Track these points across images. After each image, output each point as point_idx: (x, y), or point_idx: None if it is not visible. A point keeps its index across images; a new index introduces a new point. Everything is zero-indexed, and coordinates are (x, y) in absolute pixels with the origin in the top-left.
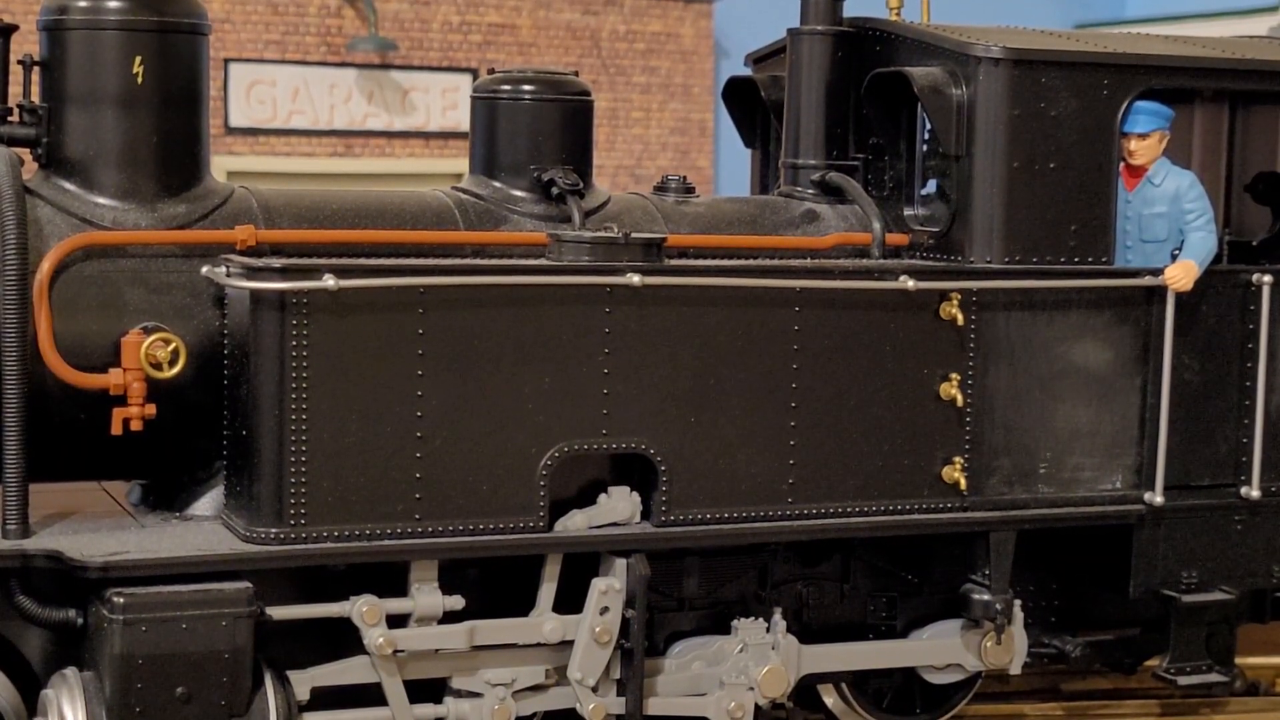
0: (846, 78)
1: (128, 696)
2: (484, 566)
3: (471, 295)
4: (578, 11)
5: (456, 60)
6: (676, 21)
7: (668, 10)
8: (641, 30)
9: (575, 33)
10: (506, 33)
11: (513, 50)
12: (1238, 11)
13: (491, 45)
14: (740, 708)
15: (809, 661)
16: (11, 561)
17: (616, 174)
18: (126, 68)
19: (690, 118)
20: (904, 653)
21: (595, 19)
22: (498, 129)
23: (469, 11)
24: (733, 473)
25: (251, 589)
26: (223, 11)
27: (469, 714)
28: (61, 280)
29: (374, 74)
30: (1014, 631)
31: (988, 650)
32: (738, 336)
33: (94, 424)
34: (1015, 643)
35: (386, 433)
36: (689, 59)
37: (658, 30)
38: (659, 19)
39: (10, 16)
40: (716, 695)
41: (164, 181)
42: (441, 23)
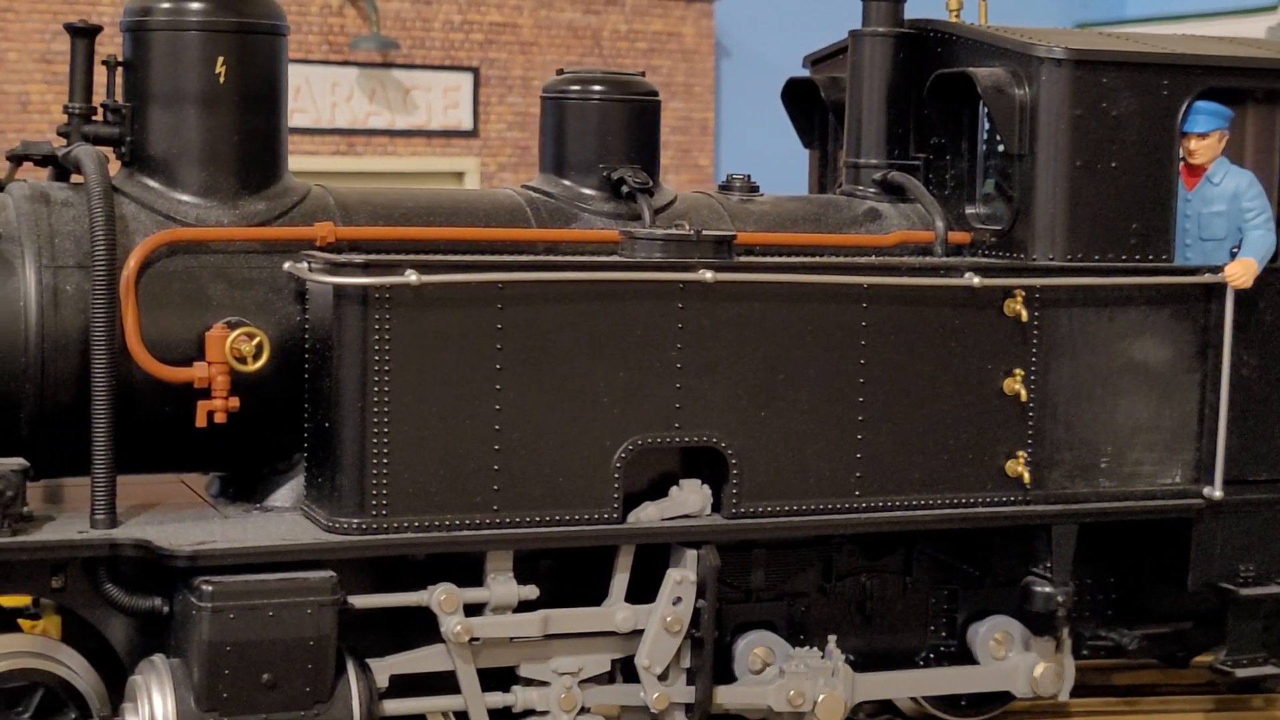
0: (908, 78)
1: (215, 683)
2: (556, 557)
3: (548, 291)
4: (579, 10)
5: (458, 59)
6: (678, 21)
7: (669, 9)
8: (643, 29)
9: (576, 32)
10: (508, 32)
11: (514, 49)
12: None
13: (493, 44)
14: (800, 695)
15: (863, 689)
16: (100, 550)
17: None
18: (208, 67)
19: (692, 116)
20: (955, 679)
21: (597, 18)
22: (566, 129)
23: (470, 10)
24: (801, 466)
25: (335, 578)
26: None
27: (536, 702)
28: (147, 276)
29: (376, 73)
30: (1064, 659)
31: (1037, 680)
32: (806, 332)
33: (178, 417)
34: (1065, 670)
35: (465, 425)
36: (690, 58)
37: (659, 29)
38: (660, 18)
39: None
40: (778, 684)
41: (244, 179)
42: (443, 22)
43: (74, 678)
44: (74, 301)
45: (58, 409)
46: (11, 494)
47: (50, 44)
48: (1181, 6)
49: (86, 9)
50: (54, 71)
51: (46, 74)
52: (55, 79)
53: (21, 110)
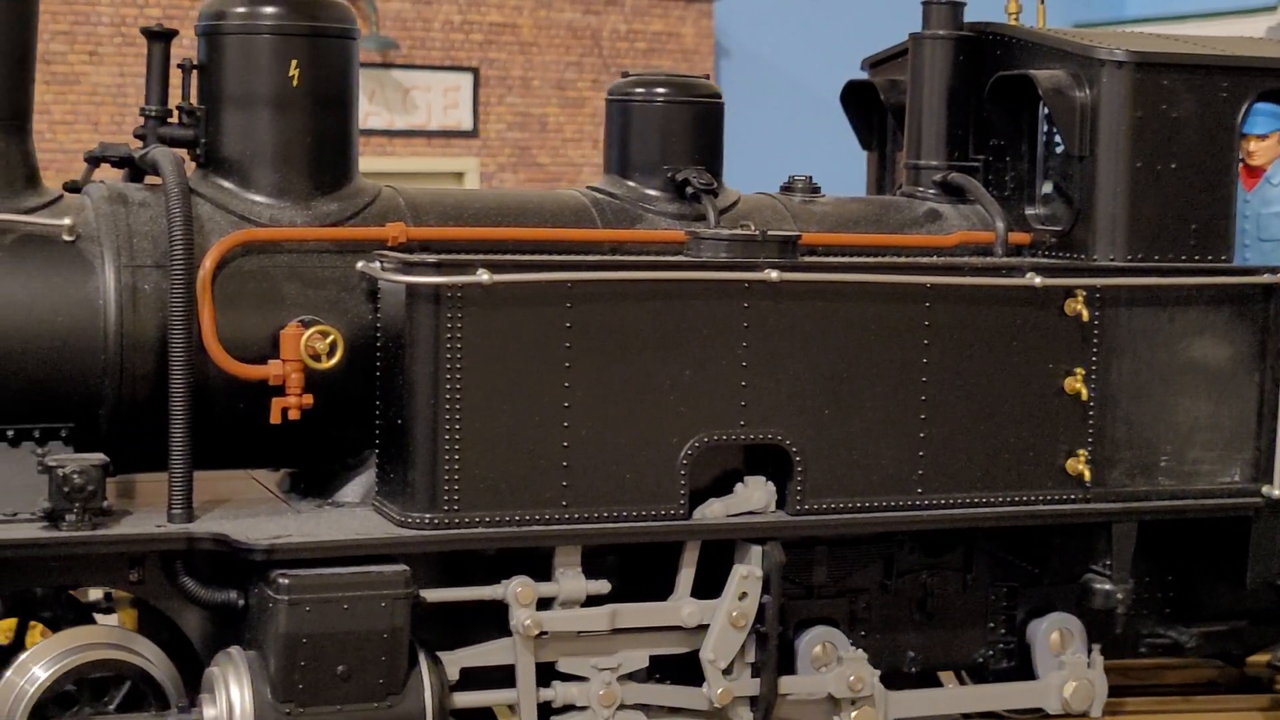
0: (967, 81)
1: (291, 674)
2: (620, 552)
3: (616, 290)
4: (579, 10)
5: (458, 59)
6: (677, 21)
7: (669, 10)
8: (643, 30)
9: (576, 32)
10: (508, 32)
11: (514, 49)
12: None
13: (493, 44)
14: (860, 680)
15: (896, 707)
16: (178, 544)
17: None
18: (281, 70)
19: None
20: (987, 697)
21: (596, 18)
22: (631, 130)
23: (470, 10)
24: (864, 464)
25: (409, 572)
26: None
27: (576, 697)
28: (222, 275)
29: (375, 73)
30: (1094, 677)
31: (1069, 698)
32: (870, 331)
33: (252, 414)
34: (1096, 686)
35: (535, 422)
36: (690, 58)
37: (659, 30)
38: (660, 18)
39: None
40: (837, 670)
41: (317, 180)
42: (443, 22)
43: (152, 669)
44: (151, 301)
45: (135, 406)
46: (92, 489)
47: (49, 44)
48: (1181, 6)
49: (85, 9)
50: (53, 71)
51: (45, 74)
52: (54, 79)
53: None
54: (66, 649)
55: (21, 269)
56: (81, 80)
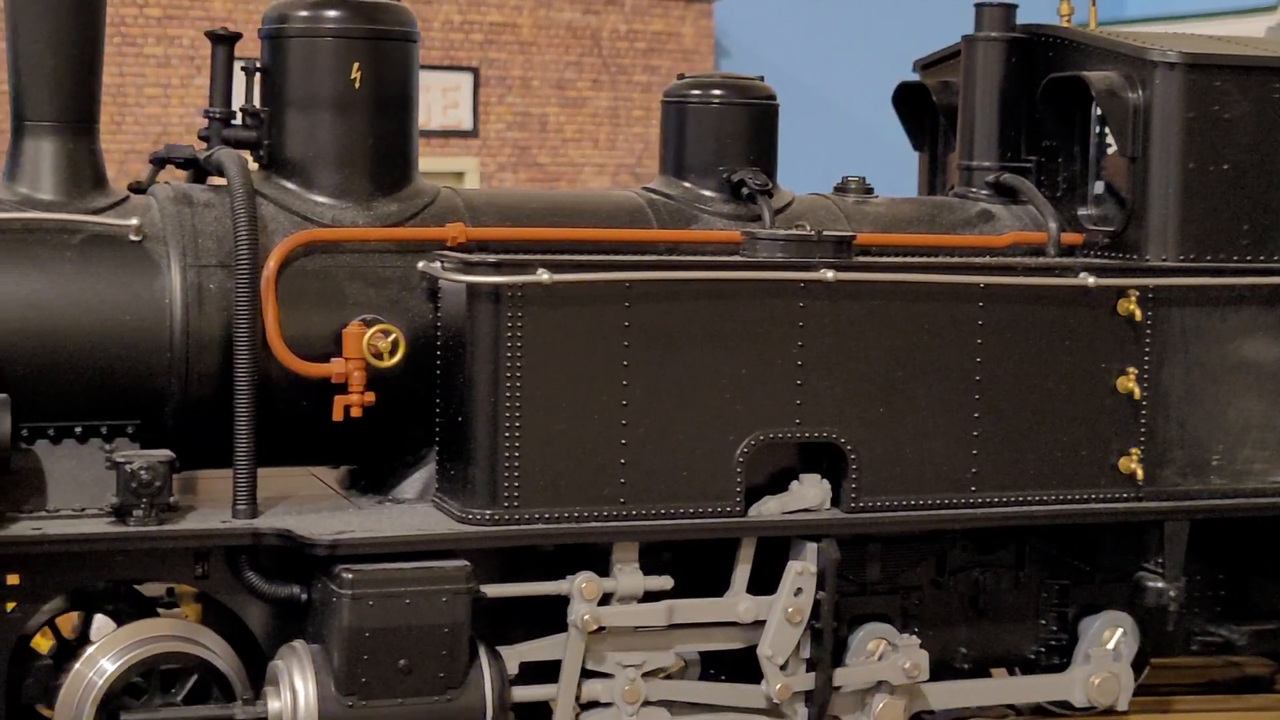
0: (1019, 82)
1: (354, 667)
2: (676, 549)
3: (674, 290)
4: (579, 10)
5: (458, 59)
6: (677, 21)
7: (669, 9)
8: (642, 29)
9: (576, 32)
10: (507, 32)
11: (514, 49)
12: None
13: (493, 44)
14: (916, 666)
15: (925, 699)
16: (243, 539)
17: (618, 173)
18: (344, 73)
19: None
20: (1013, 689)
21: (596, 18)
22: (687, 132)
23: (470, 10)
24: (918, 462)
25: (470, 567)
26: (224, 11)
27: (600, 694)
28: (285, 275)
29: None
30: (1119, 670)
31: (1095, 690)
32: (924, 330)
33: (315, 411)
34: (1121, 680)
35: (594, 420)
36: (690, 58)
37: (659, 30)
38: (660, 18)
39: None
40: (893, 658)
41: (378, 181)
42: (443, 21)
43: (217, 661)
44: (216, 300)
45: (199, 403)
46: (159, 485)
47: None
48: (1182, 6)
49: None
50: None
51: None
52: None
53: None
54: (134, 641)
55: (89, 269)
56: None
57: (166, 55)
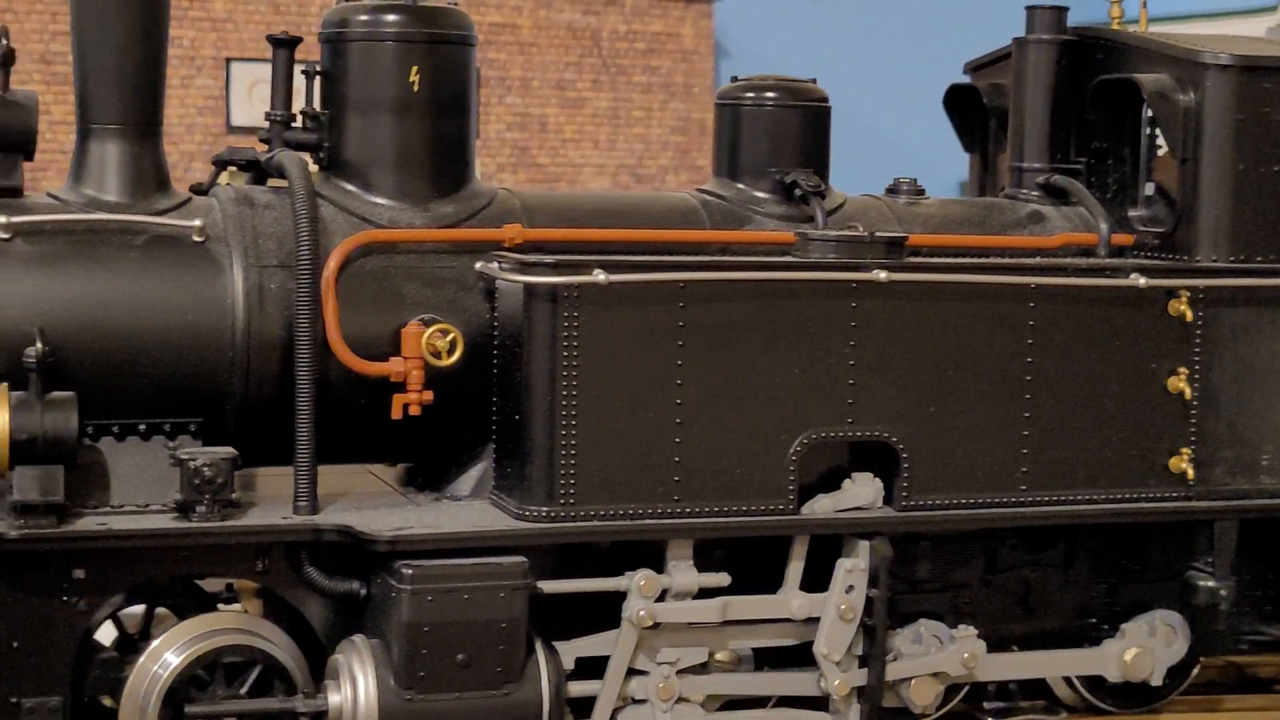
0: (1070, 84)
1: (413, 662)
2: (728, 546)
3: (728, 290)
4: (578, 11)
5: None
6: (677, 21)
7: (668, 10)
8: (642, 30)
9: (576, 32)
10: (507, 32)
11: (514, 50)
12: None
13: (492, 45)
14: (974, 657)
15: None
16: (304, 535)
17: (618, 173)
18: (403, 76)
19: (691, 117)
20: (1046, 663)
21: (596, 19)
22: (741, 133)
23: (469, 11)
24: (969, 461)
25: (527, 563)
26: (225, 11)
27: (634, 691)
28: (345, 275)
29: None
30: (1153, 645)
31: (1129, 664)
32: (975, 330)
33: (373, 410)
34: (1155, 655)
35: (648, 418)
36: (689, 59)
37: (658, 30)
38: (659, 19)
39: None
40: (950, 649)
41: (435, 183)
42: None
43: (279, 654)
44: (277, 299)
45: (260, 401)
46: (222, 481)
47: (49, 44)
48: (1181, 6)
49: None
50: (53, 72)
51: (46, 74)
52: (54, 79)
53: None
54: (198, 634)
55: (153, 269)
56: None
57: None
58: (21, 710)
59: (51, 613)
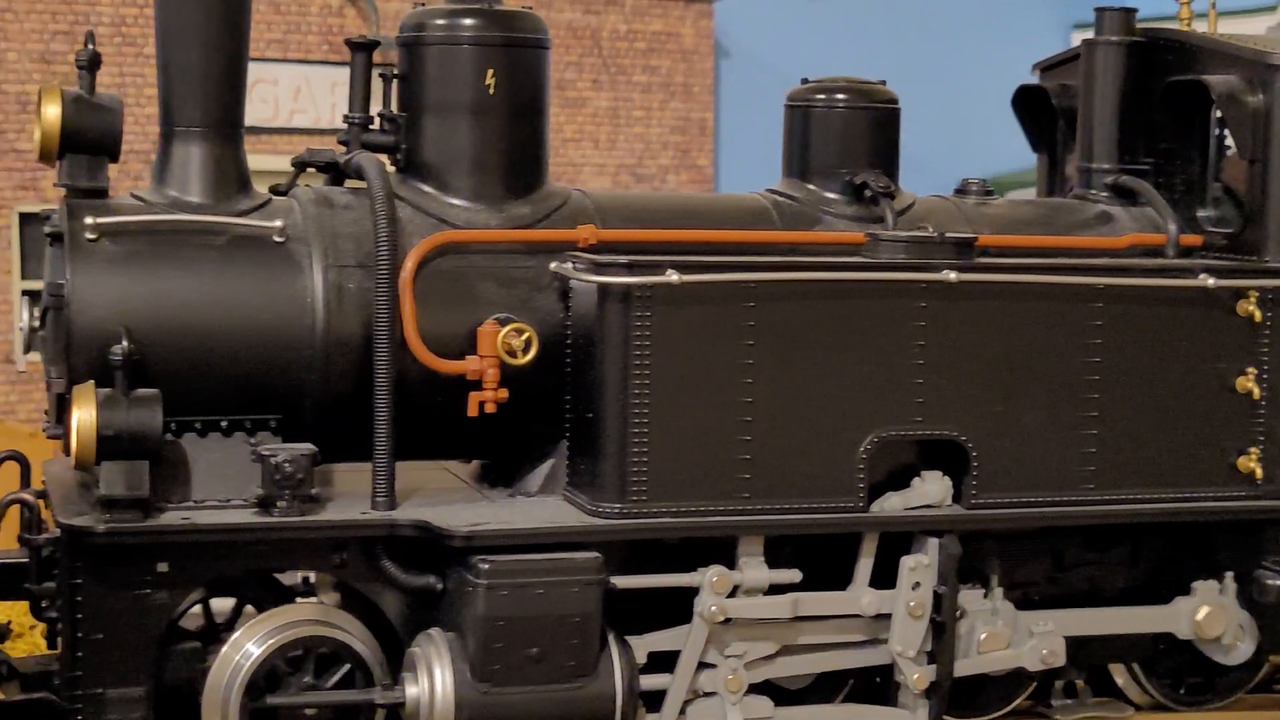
0: (1139, 85)
1: (488, 655)
2: (797, 543)
3: (798, 290)
4: (579, 11)
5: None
6: (677, 21)
7: (668, 9)
8: (642, 29)
9: (576, 32)
10: None
11: None
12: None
13: None
14: (1054, 654)
15: (1025, 626)
16: (381, 530)
17: (618, 173)
18: (479, 79)
19: (691, 117)
20: (1118, 619)
21: (596, 18)
22: (811, 135)
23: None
24: (1037, 459)
25: (601, 559)
26: None
27: (703, 684)
28: (422, 275)
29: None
30: (1225, 604)
31: (1200, 623)
32: (1043, 330)
33: (449, 407)
34: (1226, 614)
35: (719, 416)
36: (689, 58)
37: (658, 30)
38: (660, 18)
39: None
40: (1030, 644)
41: (510, 184)
42: None
43: (358, 646)
44: (355, 299)
45: (338, 399)
46: (302, 477)
47: (49, 44)
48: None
49: (85, 9)
50: (53, 72)
51: (46, 74)
52: (54, 79)
53: (21, 110)
54: (279, 625)
55: (235, 269)
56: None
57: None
58: (106, 700)
59: (135, 605)
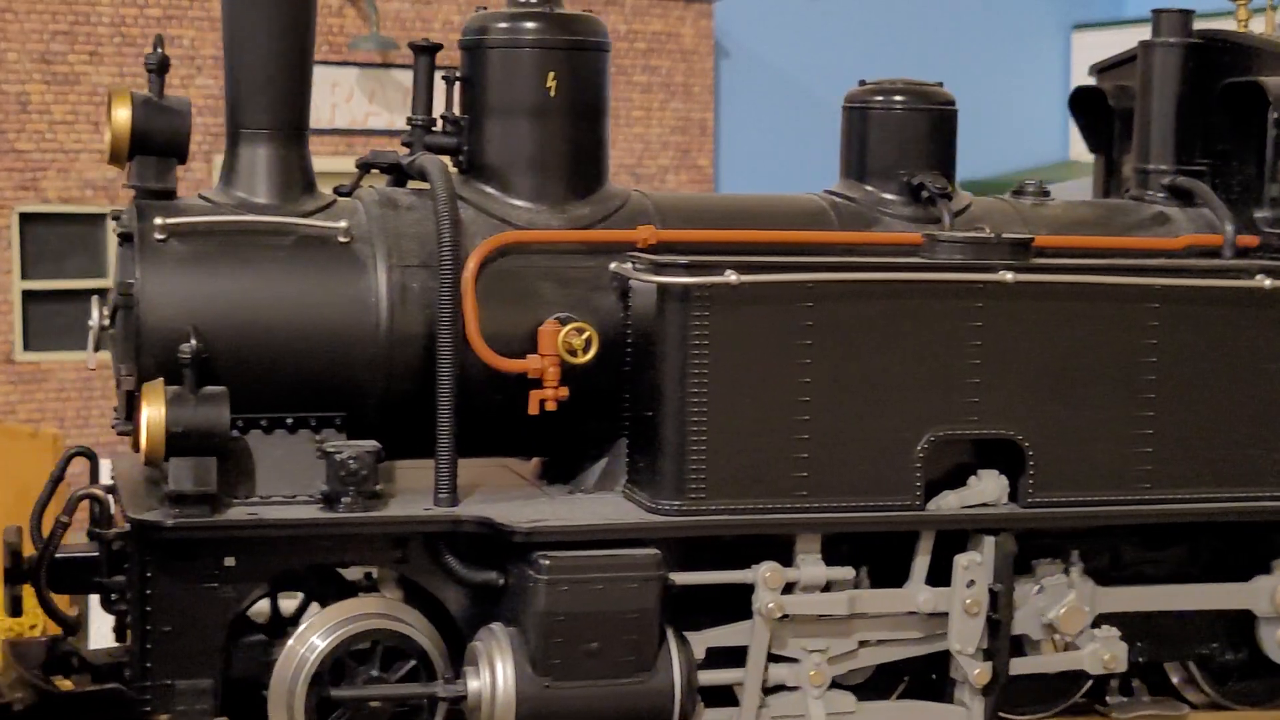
0: (1196, 87)
1: (549, 649)
2: (854, 541)
3: (855, 290)
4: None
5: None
6: (677, 21)
7: (668, 9)
8: (642, 30)
9: None
10: None
11: None
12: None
13: None
14: (1115, 659)
15: (1104, 601)
16: (444, 526)
17: (617, 172)
18: (540, 82)
19: (691, 117)
20: (1197, 595)
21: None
22: (869, 136)
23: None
24: (1093, 459)
25: (660, 555)
26: None
27: (786, 678)
28: (484, 275)
29: (375, 73)
30: None
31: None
32: (1100, 330)
33: (509, 406)
34: None
35: (777, 415)
36: (689, 58)
37: (658, 30)
38: (659, 18)
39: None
40: (1091, 648)
41: (571, 185)
42: (443, 22)
43: (421, 639)
44: (418, 298)
45: (401, 397)
46: (366, 473)
47: (49, 44)
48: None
49: (85, 9)
50: (53, 72)
51: (46, 74)
52: (54, 79)
53: (21, 110)
54: (344, 619)
55: (300, 269)
56: (82, 80)
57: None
58: (175, 692)
59: (203, 598)
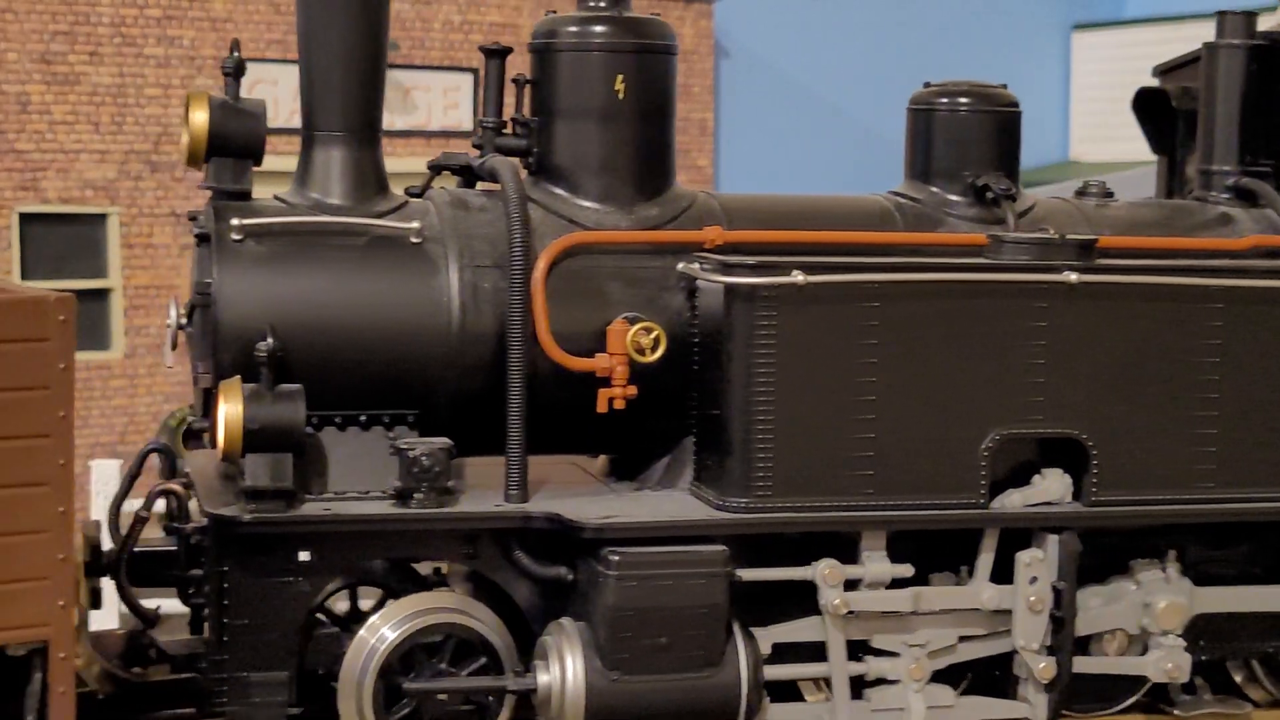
0: (1260, 88)
1: (617, 644)
2: (918, 539)
3: (920, 290)
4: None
5: (457, 59)
6: (677, 21)
7: (668, 10)
8: None
9: None
10: (508, 32)
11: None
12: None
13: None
14: (1178, 668)
15: (1202, 602)
16: (514, 522)
17: None
18: (609, 85)
19: (690, 117)
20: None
21: None
22: (934, 138)
23: (470, 10)
24: (1157, 458)
25: (727, 551)
26: (225, 11)
27: (887, 671)
28: (554, 275)
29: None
30: None
31: None
32: (1163, 331)
33: (578, 403)
34: None
35: (843, 414)
36: (689, 59)
37: None
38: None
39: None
40: (1155, 656)
41: (639, 187)
42: (443, 22)
43: (491, 633)
44: (489, 297)
45: (471, 394)
46: (439, 470)
47: (49, 44)
48: (1181, 7)
49: (85, 9)
50: (53, 72)
51: (46, 74)
52: (54, 79)
53: (21, 110)
54: (414, 612)
55: (374, 268)
56: (81, 80)
57: (166, 56)
58: (251, 683)
59: (278, 592)
